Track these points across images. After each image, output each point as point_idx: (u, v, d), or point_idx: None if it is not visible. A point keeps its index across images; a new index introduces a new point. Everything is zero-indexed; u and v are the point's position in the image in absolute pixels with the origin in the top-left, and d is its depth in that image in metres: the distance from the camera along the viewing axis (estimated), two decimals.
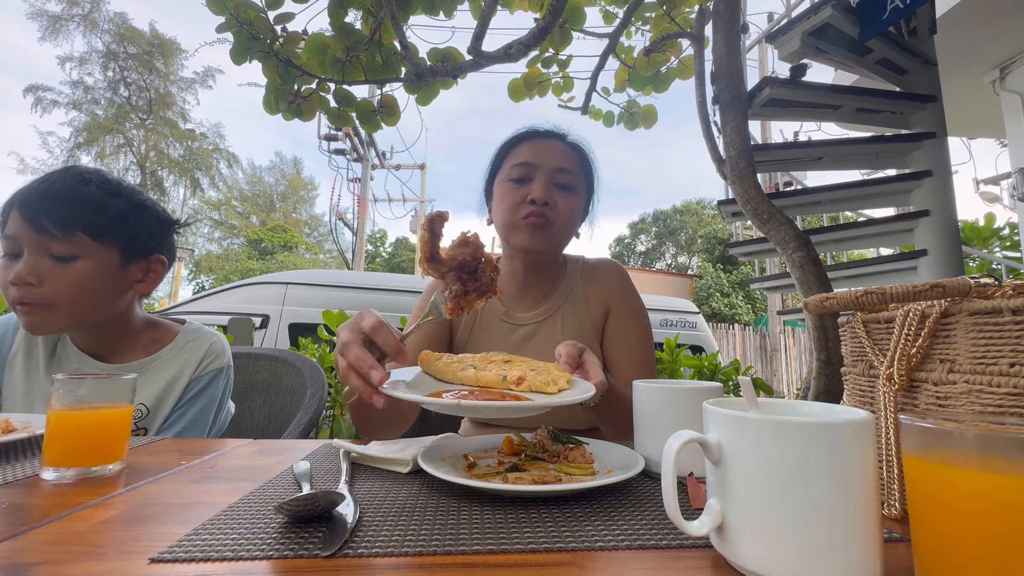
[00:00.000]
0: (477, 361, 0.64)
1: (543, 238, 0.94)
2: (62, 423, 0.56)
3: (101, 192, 0.84)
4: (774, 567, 0.31)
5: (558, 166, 0.95)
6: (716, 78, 1.90)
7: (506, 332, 1.00)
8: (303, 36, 1.92)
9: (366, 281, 4.10)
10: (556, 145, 0.99)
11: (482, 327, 1.02)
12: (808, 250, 1.63)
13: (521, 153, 0.98)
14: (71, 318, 0.83)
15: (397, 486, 0.52)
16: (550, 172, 0.95)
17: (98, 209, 0.83)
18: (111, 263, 0.85)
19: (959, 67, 3.66)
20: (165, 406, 0.89)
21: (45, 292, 0.79)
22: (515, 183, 0.96)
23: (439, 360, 0.64)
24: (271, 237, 27.43)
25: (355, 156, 11.86)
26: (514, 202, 0.95)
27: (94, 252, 0.82)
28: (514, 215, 0.95)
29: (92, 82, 20.83)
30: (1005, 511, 0.26)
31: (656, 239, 31.97)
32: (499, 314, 1.02)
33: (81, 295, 0.81)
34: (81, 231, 0.81)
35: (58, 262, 0.80)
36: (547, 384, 0.56)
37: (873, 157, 2.52)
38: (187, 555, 0.35)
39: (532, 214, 0.93)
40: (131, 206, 0.88)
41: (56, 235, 0.79)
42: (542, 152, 0.96)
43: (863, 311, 0.49)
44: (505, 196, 0.96)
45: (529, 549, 0.37)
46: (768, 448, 0.32)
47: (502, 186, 0.98)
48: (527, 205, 0.93)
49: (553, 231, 0.95)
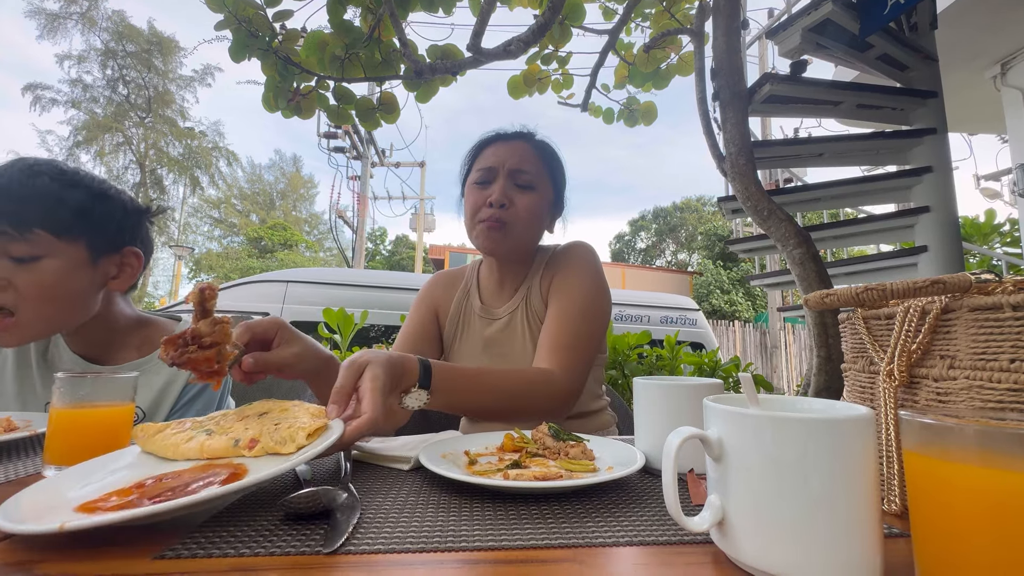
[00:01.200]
0: (215, 423, 0.55)
1: (498, 239, 0.97)
2: (64, 421, 0.56)
3: (56, 184, 0.77)
4: (775, 563, 0.31)
5: (516, 167, 0.98)
6: (716, 74, 1.90)
7: (483, 327, 1.04)
8: (302, 33, 1.92)
9: (366, 279, 4.10)
10: (518, 146, 1.01)
11: (464, 324, 1.06)
12: (808, 246, 1.63)
13: (485, 157, 1.01)
14: (42, 323, 0.78)
15: (398, 483, 0.52)
16: (509, 173, 0.97)
17: (55, 203, 0.76)
18: (78, 260, 0.78)
19: (960, 62, 3.65)
20: (162, 408, 0.86)
21: (9, 299, 0.73)
22: (478, 186, 0.99)
23: (159, 434, 0.53)
24: (271, 235, 27.43)
25: (355, 154, 11.85)
26: (475, 205, 0.98)
27: (58, 250, 0.76)
28: (473, 218, 0.98)
29: (91, 80, 20.82)
30: (1005, 507, 0.26)
31: (656, 236, 31.96)
32: (477, 310, 1.05)
33: (49, 298, 0.76)
34: (39, 228, 0.74)
35: (20, 264, 0.74)
36: (283, 443, 0.48)
37: (874, 153, 2.52)
38: (190, 552, 0.35)
39: (488, 217, 0.95)
40: (92, 196, 0.81)
41: (12, 235, 0.73)
42: (503, 154, 0.99)
43: (863, 307, 0.49)
44: (467, 199, 1.01)
45: (530, 545, 0.37)
46: (769, 444, 0.32)
47: (468, 189, 1.01)
48: (486, 208, 0.96)
49: (509, 231, 0.96)
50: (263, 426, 0.51)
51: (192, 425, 0.54)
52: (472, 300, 1.07)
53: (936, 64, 2.46)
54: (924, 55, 2.42)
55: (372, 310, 3.30)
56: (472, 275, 1.11)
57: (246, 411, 0.58)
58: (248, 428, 0.52)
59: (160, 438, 0.52)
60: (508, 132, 1.06)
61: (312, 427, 0.50)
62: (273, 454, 0.48)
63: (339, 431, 0.49)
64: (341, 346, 2.08)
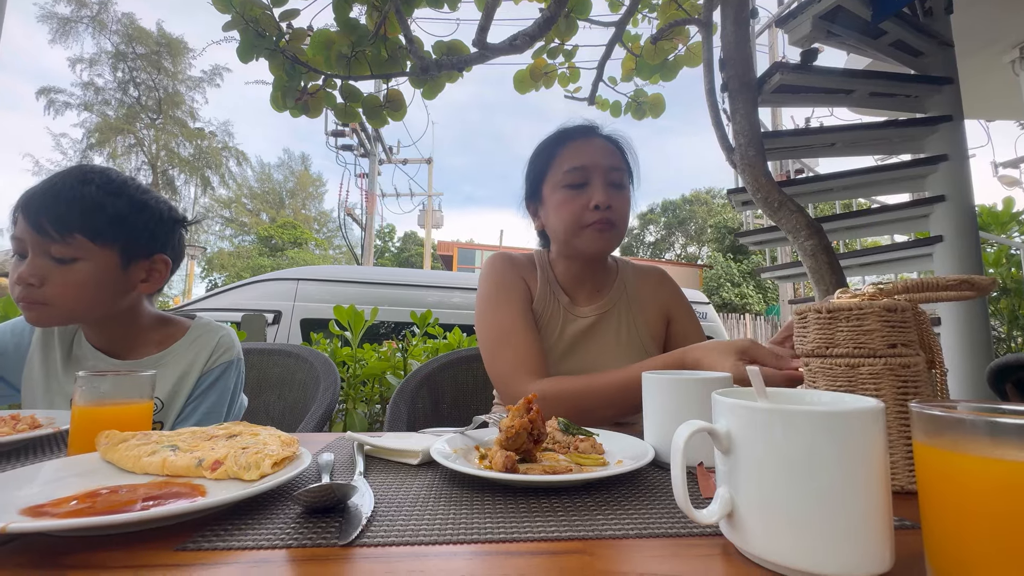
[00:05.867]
0: (183, 440, 0.54)
1: (609, 240, 0.97)
2: (85, 418, 0.58)
3: (101, 192, 0.83)
4: (784, 554, 0.32)
5: (610, 165, 0.96)
6: (725, 65, 1.88)
7: (567, 322, 1.02)
8: (308, 32, 1.92)
9: (376, 276, 4.13)
10: (602, 143, 0.99)
11: (550, 316, 1.03)
12: (820, 238, 1.61)
13: (570, 157, 0.97)
14: (69, 315, 0.84)
15: (411, 477, 0.53)
16: (604, 172, 0.95)
17: (96, 210, 0.82)
18: (111, 265, 0.84)
19: (977, 47, 3.56)
20: (179, 399, 0.91)
21: (45, 293, 0.80)
22: (571, 189, 0.96)
23: (122, 444, 0.52)
24: (281, 234, 27.67)
25: (362, 152, 11.89)
26: (577, 209, 0.95)
27: (93, 254, 0.82)
28: (579, 222, 0.96)
29: (102, 83, 21.08)
30: (1016, 499, 0.26)
31: (665, 229, 31.71)
32: (564, 303, 1.04)
33: (80, 298, 0.82)
34: (79, 233, 0.80)
35: (58, 264, 0.80)
36: (247, 469, 0.47)
37: (887, 142, 2.47)
38: (210, 544, 0.36)
39: (598, 220, 0.94)
40: (131, 206, 0.86)
41: (55, 237, 0.79)
42: (591, 153, 0.97)
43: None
44: (565, 203, 0.97)
45: (540, 537, 0.37)
46: (778, 437, 0.32)
47: (557, 192, 0.98)
48: (591, 212, 0.94)
49: (617, 233, 0.97)
50: (230, 448, 0.50)
51: (158, 439, 0.53)
52: (557, 294, 1.04)
53: (952, 50, 2.40)
54: (939, 40, 2.37)
55: (382, 307, 3.32)
56: (546, 267, 1.07)
57: (215, 432, 0.58)
58: (215, 449, 0.51)
59: (123, 448, 0.51)
60: (583, 127, 1.03)
61: (279, 456, 0.49)
62: (235, 479, 0.47)
63: (307, 462, 0.50)
64: (352, 342, 2.10)
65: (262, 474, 0.47)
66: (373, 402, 2.08)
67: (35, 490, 0.44)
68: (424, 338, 2.34)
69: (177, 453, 0.50)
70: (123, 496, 0.43)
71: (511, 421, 0.53)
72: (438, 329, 2.38)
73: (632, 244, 31.70)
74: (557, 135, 1.03)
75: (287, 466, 0.49)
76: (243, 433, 0.57)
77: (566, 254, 1.04)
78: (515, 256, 1.09)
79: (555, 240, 1.04)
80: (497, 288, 1.00)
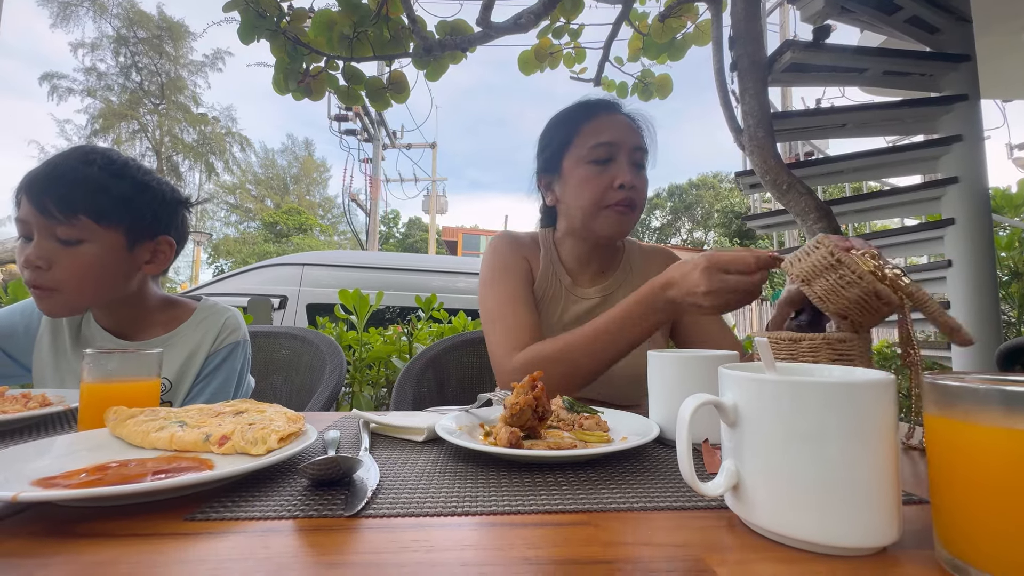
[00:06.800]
0: (190, 417, 0.55)
1: (628, 222, 0.94)
2: (94, 395, 0.59)
3: (104, 174, 0.82)
4: (791, 527, 0.31)
5: (635, 144, 0.93)
6: (734, 43, 1.83)
7: (570, 303, 1.01)
8: (310, 13, 1.90)
9: (380, 261, 4.13)
10: (627, 121, 0.95)
11: (551, 296, 1.01)
12: (829, 220, 1.59)
13: (599, 131, 0.93)
14: (80, 300, 0.84)
15: (416, 453, 0.54)
16: (629, 151, 0.92)
17: (100, 191, 0.81)
18: (116, 246, 0.84)
19: (995, 23, 3.45)
20: (186, 380, 0.92)
21: (54, 277, 0.80)
22: (597, 164, 0.91)
23: (130, 420, 0.53)
24: (286, 220, 27.71)
25: (366, 136, 11.81)
26: (601, 187, 0.91)
27: (98, 236, 0.82)
28: (601, 200, 0.91)
29: (104, 68, 20.99)
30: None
31: (671, 214, 31.44)
32: (566, 285, 1.02)
33: (87, 279, 0.82)
34: (83, 214, 0.80)
35: (64, 246, 0.80)
36: (254, 444, 0.47)
37: (899, 123, 2.42)
38: (218, 515, 0.37)
39: (621, 201, 0.90)
40: (134, 187, 0.86)
41: (59, 218, 0.78)
42: (619, 129, 0.93)
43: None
44: (589, 180, 0.92)
45: (545, 509, 0.38)
46: (786, 410, 0.32)
47: (580, 168, 0.93)
48: (615, 191, 0.90)
49: (635, 215, 0.94)
50: (237, 424, 0.51)
51: (166, 415, 0.54)
52: (560, 275, 1.02)
53: (970, 25, 2.33)
54: (957, 16, 2.30)
55: (387, 291, 3.33)
56: (550, 247, 1.04)
57: (222, 408, 0.58)
58: (221, 425, 0.52)
59: (131, 424, 0.52)
60: (610, 102, 0.99)
61: (285, 432, 0.49)
62: (242, 453, 0.48)
63: (313, 437, 0.51)
64: (357, 326, 2.11)
65: (268, 449, 0.47)
66: (379, 385, 2.09)
67: (46, 463, 0.44)
68: (429, 322, 2.35)
69: (185, 429, 0.51)
70: (132, 469, 0.43)
71: (516, 398, 0.53)
72: (443, 313, 2.38)
73: (638, 229, 31.48)
74: (582, 106, 0.98)
75: (293, 442, 0.50)
76: (250, 410, 0.57)
77: (578, 234, 0.99)
78: (518, 235, 1.06)
79: (568, 217, 0.99)
80: (495, 269, 0.98)
